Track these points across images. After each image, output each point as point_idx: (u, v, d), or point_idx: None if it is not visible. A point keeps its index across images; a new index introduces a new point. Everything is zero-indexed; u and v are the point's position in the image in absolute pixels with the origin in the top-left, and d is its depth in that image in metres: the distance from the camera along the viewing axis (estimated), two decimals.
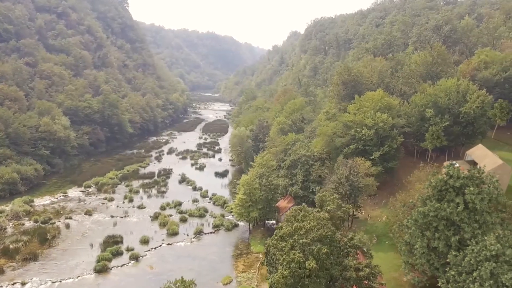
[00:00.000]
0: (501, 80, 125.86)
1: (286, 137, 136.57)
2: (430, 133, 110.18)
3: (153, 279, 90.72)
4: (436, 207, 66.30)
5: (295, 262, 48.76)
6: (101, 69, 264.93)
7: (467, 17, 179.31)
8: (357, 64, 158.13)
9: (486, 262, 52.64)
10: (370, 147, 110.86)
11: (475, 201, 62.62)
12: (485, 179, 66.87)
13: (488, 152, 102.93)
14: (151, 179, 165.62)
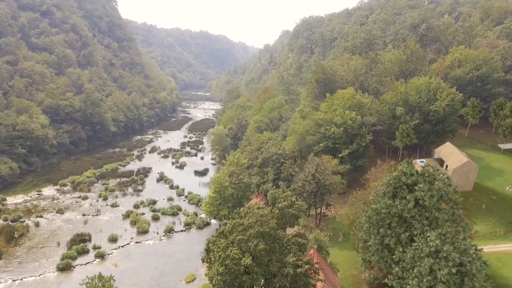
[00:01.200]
0: (474, 78, 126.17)
1: (261, 136, 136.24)
2: (400, 131, 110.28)
3: (116, 277, 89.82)
4: (388, 204, 66.48)
5: (230, 258, 48.53)
6: (86, 68, 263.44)
7: (447, 15, 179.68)
8: (335, 63, 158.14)
9: (426, 258, 52.65)
10: (339, 145, 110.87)
11: (424, 198, 62.68)
12: (437, 176, 66.84)
13: (455, 150, 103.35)
14: (129, 177, 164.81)
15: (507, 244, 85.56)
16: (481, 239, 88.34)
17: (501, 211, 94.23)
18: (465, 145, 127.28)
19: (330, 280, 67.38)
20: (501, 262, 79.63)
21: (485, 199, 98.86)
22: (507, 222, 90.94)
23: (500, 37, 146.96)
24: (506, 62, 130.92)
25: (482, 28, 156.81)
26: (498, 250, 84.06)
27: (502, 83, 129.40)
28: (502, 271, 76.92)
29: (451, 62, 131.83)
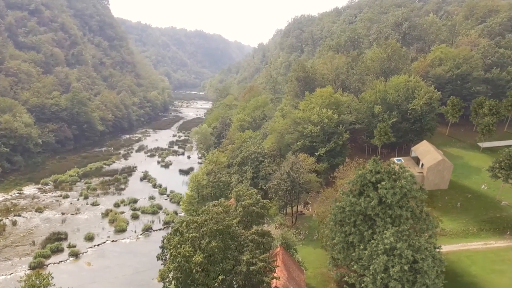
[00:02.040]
0: (453, 77, 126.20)
1: (242, 134, 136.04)
2: (378, 129, 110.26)
3: (87, 275, 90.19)
4: (352, 202, 66.39)
5: (181, 256, 48.30)
6: (75, 67, 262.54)
7: (431, 14, 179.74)
8: (319, 61, 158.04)
9: (381, 255, 52.54)
10: (317, 143, 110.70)
11: (387, 196, 62.57)
12: (401, 175, 66.78)
13: (431, 148, 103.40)
14: (112, 176, 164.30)
15: (478, 242, 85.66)
16: (454, 237, 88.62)
17: (476, 209, 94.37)
18: (445, 144, 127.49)
19: (295, 278, 67.23)
20: (470, 260, 79.86)
21: (461, 197, 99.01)
22: (480, 220, 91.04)
23: (482, 35, 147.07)
24: (486, 60, 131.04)
25: (465, 26, 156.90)
26: (469, 248, 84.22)
27: (483, 82, 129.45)
28: (470, 269, 77.13)
29: (432, 60, 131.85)
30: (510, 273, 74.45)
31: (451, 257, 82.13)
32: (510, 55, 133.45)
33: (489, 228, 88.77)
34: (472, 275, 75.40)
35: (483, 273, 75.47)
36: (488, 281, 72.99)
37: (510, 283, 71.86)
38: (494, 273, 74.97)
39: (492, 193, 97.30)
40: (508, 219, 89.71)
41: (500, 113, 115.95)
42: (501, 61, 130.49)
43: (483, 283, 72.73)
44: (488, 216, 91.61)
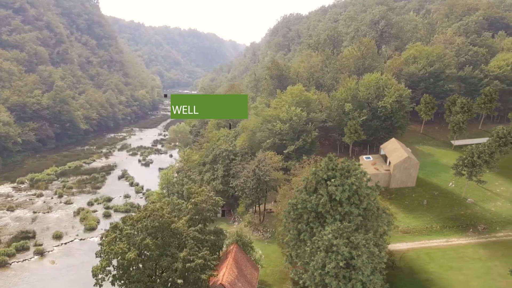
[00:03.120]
0: (426, 75, 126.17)
1: (217, 133, 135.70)
2: (348, 127, 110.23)
3: (50, 273, 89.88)
4: (304, 199, 66.18)
5: (114, 253, 48.04)
6: (59, 65, 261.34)
7: (412, 12, 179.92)
8: (297, 59, 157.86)
9: (319, 252, 52.38)
10: (286, 141, 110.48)
11: (336, 193, 62.42)
12: (352, 172, 66.61)
13: (398, 146, 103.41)
14: (90, 175, 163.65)
15: (440, 240, 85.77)
16: (417, 235, 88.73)
17: (441, 206, 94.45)
18: (419, 141, 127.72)
19: (246, 275, 66.99)
20: (429, 257, 79.89)
21: (428, 194, 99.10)
22: (444, 217, 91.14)
23: (458, 33, 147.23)
24: (460, 58, 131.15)
25: (441, 24, 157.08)
26: (431, 245, 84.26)
27: (457, 80, 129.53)
28: (428, 266, 77.17)
29: (406, 58, 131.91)
30: (467, 270, 74.49)
31: (410, 254, 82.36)
32: (484, 53, 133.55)
33: (452, 225, 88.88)
34: (428, 272, 75.43)
35: (440, 270, 75.52)
36: (444, 278, 73.07)
37: (465, 279, 71.92)
38: (451, 270, 75.04)
39: (458, 191, 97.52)
40: (472, 217, 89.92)
41: (472, 111, 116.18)
42: (474, 59, 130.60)
43: (438, 280, 72.78)
44: (453, 214, 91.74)
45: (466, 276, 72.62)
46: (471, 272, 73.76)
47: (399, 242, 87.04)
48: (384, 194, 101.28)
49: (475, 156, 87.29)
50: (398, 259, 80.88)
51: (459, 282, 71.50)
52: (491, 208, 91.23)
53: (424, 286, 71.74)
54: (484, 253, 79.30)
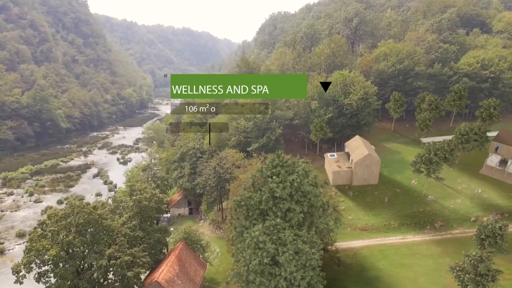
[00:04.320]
0: (395, 72, 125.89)
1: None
2: (313, 125, 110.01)
3: (8, 272, 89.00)
4: (248, 196, 65.95)
5: (36, 250, 47.72)
6: (43, 64, 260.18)
7: (389, 10, 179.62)
8: (271, 57, 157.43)
9: (247, 249, 52.18)
10: (251, 138, 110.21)
11: (276, 190, 62.19)
12: (295, 169, 66.36)
13: (361, 143, 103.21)
14: (65, 173, 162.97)
15: (397, 237, 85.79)
16: (375, 232, 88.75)
17: (401, 204, 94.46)
18: (388, 139, 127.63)
19: (189, 273, 66.75)
20: (382, 255, 79.92)
21: (390, 192, 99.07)
22: (403, 215, 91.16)
23: (431, 31, 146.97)
24: (430, 55, 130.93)
25: (416, 22, 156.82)
26: (386, 242, 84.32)
27: (427, 77, 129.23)
28: (379, 263, 77.17)
29: (377, 56, 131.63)
30: (417, 267, 74.52)
31: (364, 251, 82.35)
32: (455, 51, 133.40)
33: (410, 222, 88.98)
34: (379, 269, 75.42)
35: (390, 267, 75.52)
36: (393, 275, 73.08)
37: (413, 276, 71.95)
38: (402, 267, 75.06)
39: (420, 188, 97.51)
40: (430, 214, 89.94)
41: (439, 108, 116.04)
42: (444, 56, 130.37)
43: (387, 277, 72.80)
44: (412, 211, 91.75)
45: (415, 273, 72.64)
46: (421, 269, 73.76)
47: (356, 239, 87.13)
48: (346, 191, 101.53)
49: (432, 153, 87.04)
50: (351, 256, 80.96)
51: (407, 279, 71.51)
52: (450, 205, 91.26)
53: (372, 283, 71.68)
54: (437, 250, 79.32)
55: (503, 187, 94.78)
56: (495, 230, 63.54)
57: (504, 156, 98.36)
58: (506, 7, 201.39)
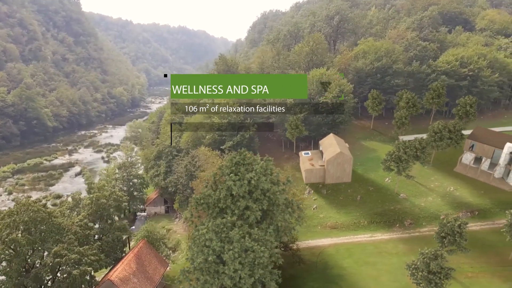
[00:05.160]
0: (373, 70, 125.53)
1: (168, 128, 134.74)
2: (289, 123, 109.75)
3: None
4: (206, 194, 65.80)
5: None
6: (31, 63, 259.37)
7: (374, 8, 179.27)
8: (253, 55, 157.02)
9: (194, 247, 51.93)
10: (226, 137, 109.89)
11: (233, 187, 62.01)
12: (254, 167, 66.12)
13: (334, 141, 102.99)
14: (47, 172, 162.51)
15: (365, 235, 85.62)
16: (345, 230, 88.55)
17: (373, 202, 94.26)
18: (366, 137, 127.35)
19: (148, 271, 66.42)
20: (348, 253, 79.77)
21: (363, 190, 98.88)
22: (373, 213, 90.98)
23: (412, 28, 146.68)
24: (408, 53, 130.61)
25: (398, 20, 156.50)
26: (354, 241, 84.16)
27: (406, 75, 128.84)
28: (344, 261, 77.01)
29: (356, 54, 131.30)
30: (381, 265, 74.31)
31: (331, 249, 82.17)
32: (434, 48, 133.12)
33: (380, 220, 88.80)
34: (342, 267, 75.24)
35: (354, 265, 75.33)
36: (355, 274, 72.92)
37: (376, 275, 71.77)
38: (366, 265, 74.87)
39: (393, 186, 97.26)
40: (401, 212, 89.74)
41: (417, 106, 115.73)
42: (423, 54, 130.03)
43: (349, 275, 72.65)
44: (383, 209, 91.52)
45: (379, 271, 72.45)
46: (384, 267, 73.56)
47: (325, 237, 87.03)
48: (320, 189, 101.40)
49: (401, 151, 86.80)
50: (317, 255, 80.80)
51: (369, 277, 71.34)
52: (421, 204, 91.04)
53: (333, 282, 71.51)
54: (403, 248, 79.09)
55: (476, 185, 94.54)
56: (454, 228, 63.44)
57: (478, 154, 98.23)
58: (493, 5, 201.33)
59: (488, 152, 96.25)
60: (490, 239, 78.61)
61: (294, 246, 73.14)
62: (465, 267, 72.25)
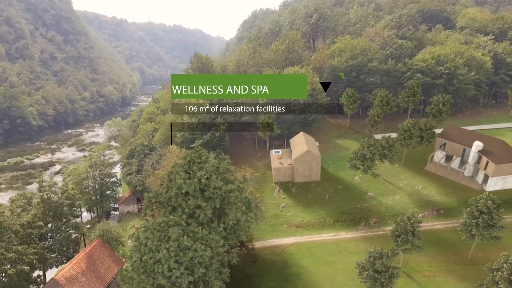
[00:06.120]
0: (348, 68, 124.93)
1: (144, 127, 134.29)
2: (260, 121, 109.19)
3: None
4: (158, 193, 65.38)
5: None
6: (17, 61, 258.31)
7: (356, 6, 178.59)
8: (235, 53, 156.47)
9: (132, 246, 51.41)
10: (197, 135, 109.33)
11: (182, 186, 61.55)
12: (205, 165, 65.59)
13: (302, 140, 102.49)
14: (27, 171, 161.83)
15: (329, 234, 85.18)
16: (310, 229, 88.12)
17: (341, 201, 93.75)
18: (342, 135, 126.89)
19: (99, 271, 65.89)
20: (309, 252, 79.42)
21: (332, 189, 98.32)
22: (340, 212, 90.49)
23: (390, 26, 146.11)
24: (384, 51, 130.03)
25: (374, 18, 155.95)
26: (317, 239, 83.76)
27: (383, 73, 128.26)
28: (303, 260, 76.61)
29: (332, 52, 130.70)
30: (340, 263, 73.92)
31: (292, 248, 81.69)
32: (411, 46, 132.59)
33: (345, 219, 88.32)
34: (301, 266, 74.84)
35: (313, 264, 74.97)
36: (313, 272, 72.59)
37: (333, 273, 71.47)
38: (325, 264, 74.54)
39: (362, 185, 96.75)
40: (367, 210, 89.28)
41: (391, 104, 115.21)
42: (399, 52, 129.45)
43: (306, 274, 72.31)
44: (350, 208, 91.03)
45: (336, 270, 72.10)
46: (342, 266, 73.12)
47: (289, 236, 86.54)
48: (290, 188, 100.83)
49: (365, 149, 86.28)
50: (278, 253, 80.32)
51: (326, 276, 71.00)
52: (387, 202, 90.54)
53: (289, 280, 71.16)
54: (364, 246, 78.41)
55: (445, 183, 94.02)
56: (407, 227, 63.02)
57: (448, 153, 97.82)
58: (477, 3, 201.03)
59: (458, 150, 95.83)
60: (452, 238, 78.16)
61: (249, 245, 72.48)
62: (423, 266, 71.92)
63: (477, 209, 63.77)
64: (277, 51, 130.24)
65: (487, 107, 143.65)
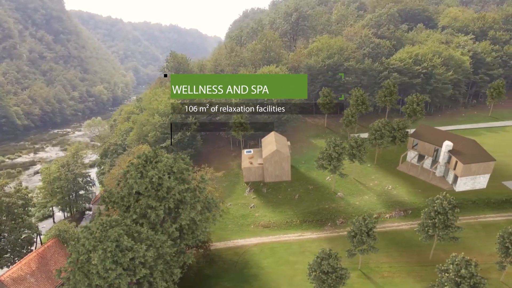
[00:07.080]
0: (325, 67, 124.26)
1: (121, 126, 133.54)
2: (233, 121, 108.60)
3: None
4: (112, 192, 64.66)
5: None
6: (4, 61, 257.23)
7: (339, 4, 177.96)
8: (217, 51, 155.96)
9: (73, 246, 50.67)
10: (168, 134, 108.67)
11: (133, 186, 60.86)
12: (149, 165, 64.86)
13: (273, 140, 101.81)
14: (5, 170, 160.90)
15: (295, 234, 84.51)
16: (276, 229, 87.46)
17: (310, 201, 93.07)
18: (318, 135, 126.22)
19: (51, 271, 65.06)
20: (271, 252, 78.76)
21: (302, 189, 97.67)
22: (307, 212, 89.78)
23: (370, 26, 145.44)
24: (361, 51, 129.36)
25: (354, 17, 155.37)
26: (281, 240, 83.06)
27: (360, 72, 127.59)
28: (264, 261, 75.97)
29: (309, 51, 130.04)
30: (300, 264, 73.04)
31: (255, 249, 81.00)
32: (389, 46, 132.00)
33: (312, 219, 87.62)
34: (261, 267, 74.18)
35: (273, 264, 74.32)
36: (272, 273, 72.01)
37: (293, 274, 70.96)
38: (285, 265, 73.89)
39: (332, 185, 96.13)
40: (334, 211, 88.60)
41: (366, 103, 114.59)
42: (376, 51, 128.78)
43: (265, 275, 71.72)
44: (318, 208, 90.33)
45: (295, 270, 71.45)
46: (302, 266, 71.85)
47: (255, 236, 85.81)
48: (261, 188, 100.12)
49: (331, 149, 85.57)
50: (240, 254, 79.59)
51: (284, 277, 70.41)
52: (356, 202, 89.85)
53: (247, 281, 70.51)
54: (327, 247, 77.40)
55: (415, 183, 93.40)
56: (362, 228, 62.51)
57: (420, 152, 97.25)
58: (462, 3, 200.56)
59: (430, 150, 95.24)
60: (416, 238, 77.14)
61: (207, 245, 71.81)
62: (384, 266, 71.35)
63: (433, 210, 63.17)
64: (254, 50, 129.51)
65: (467, 107, 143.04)
